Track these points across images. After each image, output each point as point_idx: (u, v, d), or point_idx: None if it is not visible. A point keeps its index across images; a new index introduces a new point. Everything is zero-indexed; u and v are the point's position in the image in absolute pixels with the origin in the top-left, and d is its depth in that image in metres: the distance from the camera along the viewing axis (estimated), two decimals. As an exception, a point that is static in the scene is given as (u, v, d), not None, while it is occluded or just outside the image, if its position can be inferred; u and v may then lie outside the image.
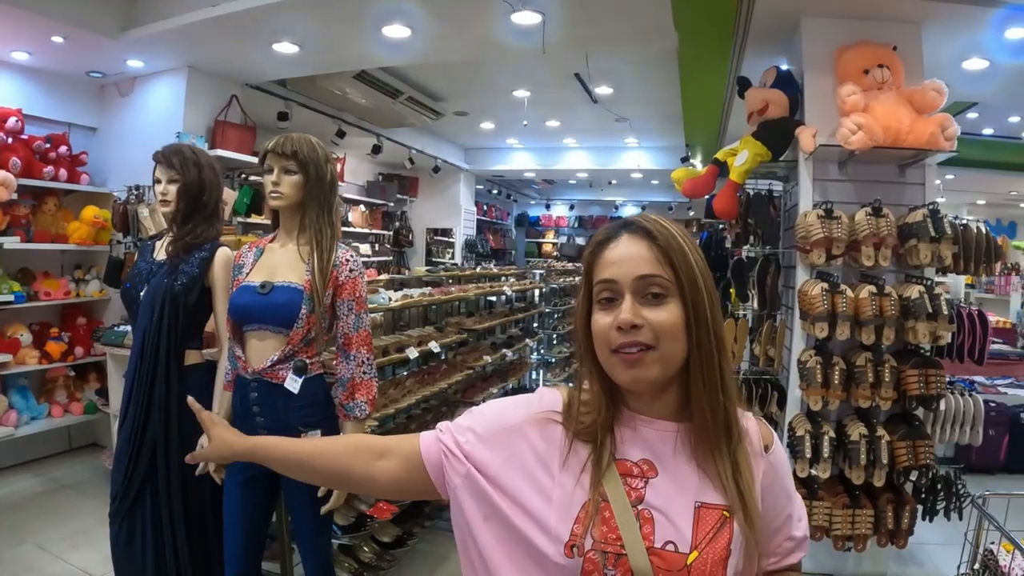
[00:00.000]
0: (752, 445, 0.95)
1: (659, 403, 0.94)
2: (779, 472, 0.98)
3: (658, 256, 0.89)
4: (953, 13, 3.03)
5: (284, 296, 1.93)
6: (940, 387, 2.78)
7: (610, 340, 0.89)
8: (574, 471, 0.93)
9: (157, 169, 2.30)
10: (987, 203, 10.04)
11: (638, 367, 0.88)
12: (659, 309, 0.88)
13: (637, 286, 0.89)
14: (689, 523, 0.88)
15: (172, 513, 2.20)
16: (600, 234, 0.96)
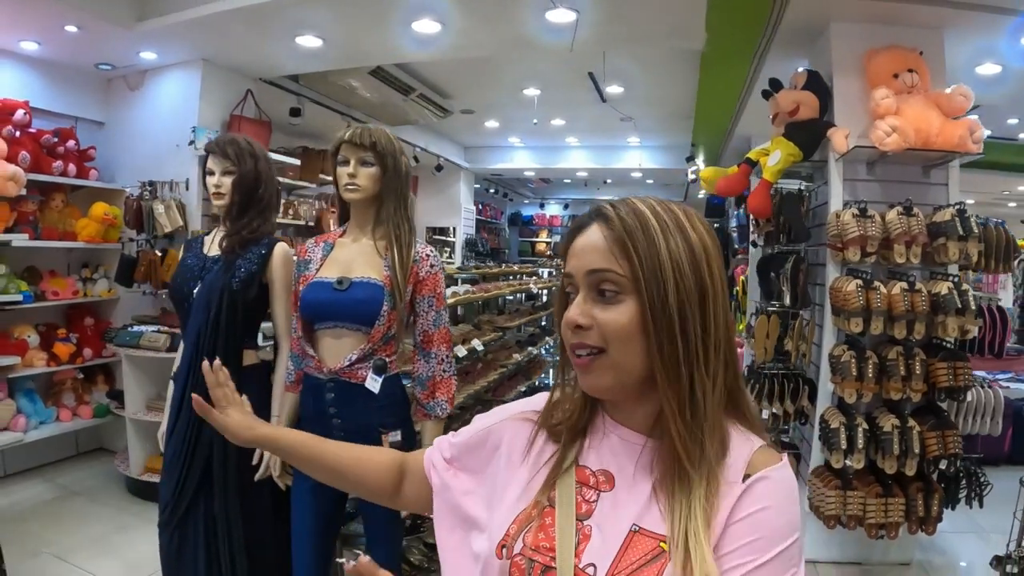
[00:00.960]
0: (731, 467, 0.82)
1: (634, 412, 0.89)
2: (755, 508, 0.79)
3: (612, 247, 0.83)
4: (974, 20, 3.32)
5: (364, 292, 1.96)
6: (967, 379, 3.07)
7: (567, 339, 0.86)
8: (532, 468, 0.93)
9: (210, 160, 2.29)
10: (976, 202, 10.55)
11: (590, 372, 0.84)
12: (611, 308, 0.82)
13: (589, 281, 0.84)
14: (617, 547, 0.82)
15: (229, 520, 2.20)
16: (574, 223, 0.91)
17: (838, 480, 3.17)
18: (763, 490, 0.80)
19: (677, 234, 0.82)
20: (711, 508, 0.78)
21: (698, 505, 0.78)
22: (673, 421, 0.81)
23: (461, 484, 1.01)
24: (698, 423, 0.80)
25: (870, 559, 3.41)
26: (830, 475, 3.22)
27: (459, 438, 1.05)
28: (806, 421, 3.54)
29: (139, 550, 3.41)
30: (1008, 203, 10.11)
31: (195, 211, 4.39)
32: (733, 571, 0.76)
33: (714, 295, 0.82)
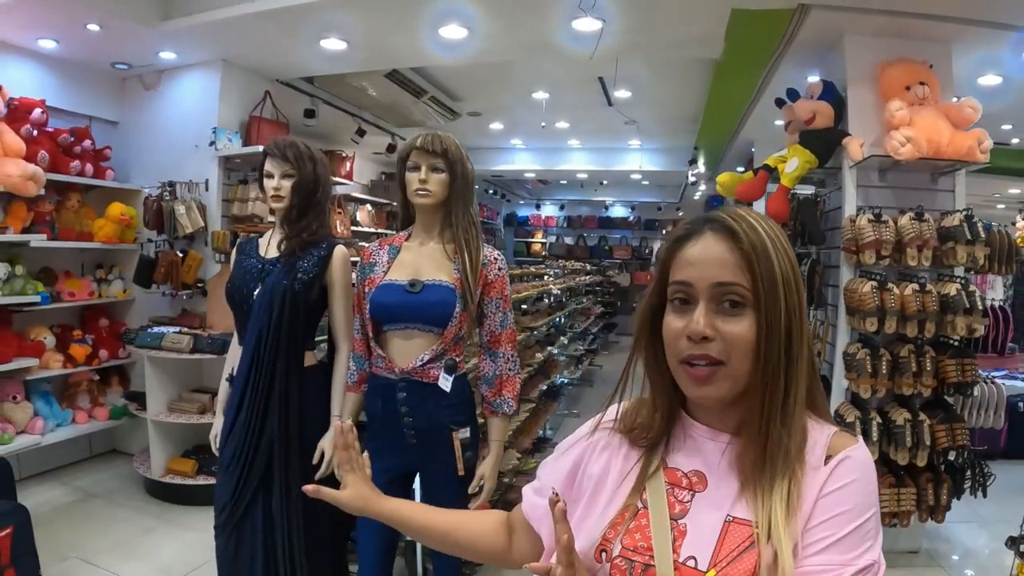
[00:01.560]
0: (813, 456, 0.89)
1: (722, 414, 0.96)
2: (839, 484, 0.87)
3: (740, 261, 0.88)
4: (979, 34, 3.61)
5: (437, 295, 2.10)
6: (974, 375, 3.36)
7: (679, 349, 0.90)
8: (620, 475, 0.99)
9: (268, 163, 2.39)
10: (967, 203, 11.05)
11: (708, 384, 0.89)
12: (735, 321, 0.88)
13: (713, 293, 0.89)
14: (715, 538, 0.88)
15: (289, 521, 2.32)
16: (680, 229, 0.96)
17: (854, 472, 3.44)
18: (845, 468, 0.87)
19: (783, 252, 0.90)
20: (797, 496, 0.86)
21: (780, 496, 0.85)
22: (770, 424, 0.88)
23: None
24: (787, 423, 0.88)
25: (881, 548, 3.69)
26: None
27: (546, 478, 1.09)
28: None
29: (167, 552, 3.56)
30: (997, 205, 10.57)
31: (215, 212, 4.57)
32: (820, 542, 0.84)
33: (804, 312, 0.91)
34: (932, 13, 3.43)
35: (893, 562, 3.62)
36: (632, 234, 14.07)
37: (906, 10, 3.40)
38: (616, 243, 14.04)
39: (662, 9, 3.64)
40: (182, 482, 4.14)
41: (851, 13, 3.48)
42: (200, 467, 4.19)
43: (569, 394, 6.83)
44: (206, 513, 3.94)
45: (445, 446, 2.17)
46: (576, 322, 7.29)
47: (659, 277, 0.96)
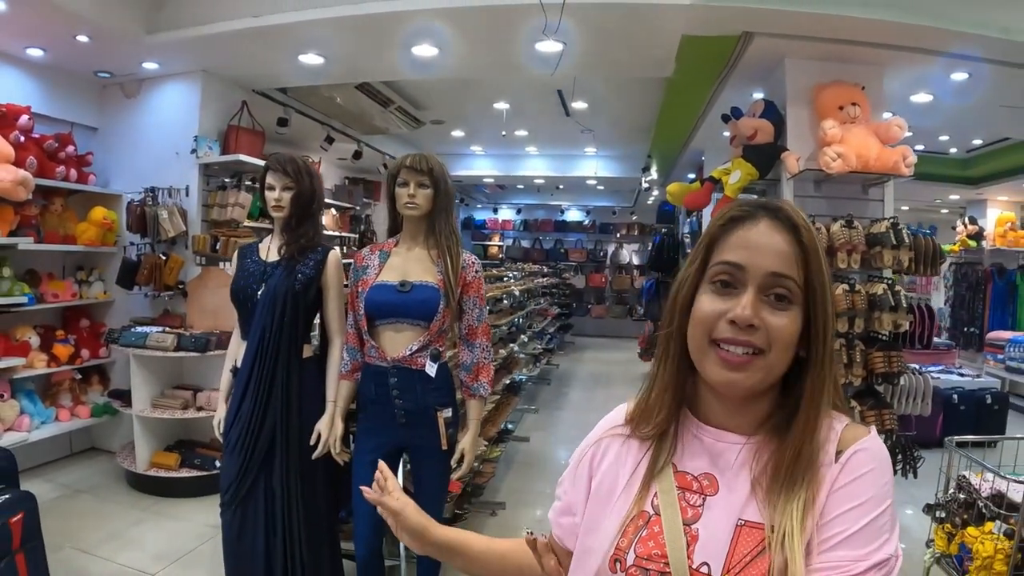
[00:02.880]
0: (825, 455, 0.87)
1: (740, 412, 0.92)
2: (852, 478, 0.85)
3: (797, 255, 0.87)
4: (909, 59, 3.98)
5: (424, 294, 2.38)
6: (901, 366, 3.74)
7: (715, 329, 0.88)
8: (629, 472, 0.97)
9: (270, 176, 2.61)
10: (911, 208, 11.72)
11: (741, 371, 0.87)
12: (781, 314, 0.86)
13: (765, 282, 0.86)
14: (727, 543, 0.86)
15: (289, 495, 2.55)
16: (734, 209, 0.93)
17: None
18: (859, 460, 0.85)
19: (824, 254, 0.90)
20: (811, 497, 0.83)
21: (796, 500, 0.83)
22: (808, 423, 0.87)
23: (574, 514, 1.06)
24: (818, 424, 0.88)
25: (818, 524, 4.05)
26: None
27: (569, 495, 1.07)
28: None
29: (158, 541, 3.70)
30: (941, 210, 11.23)
31: (195, 217, 4.71)
32: (833, 538, 0.81)
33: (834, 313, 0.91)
34: (865, 40, 3.78)
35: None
36: (587, 237, 14.42)
37: (841, 38, 3.75)
38: (572, 246, 14.38)
39: (618, 33, 3.91)
40: (166, 475, 4.28)
41: (791, 39, 3.81)
42: (183, 460, 4.34)
43: (528, 391, 7.11)
44: (191, 504, 4.18)
45: (431, 424, 2.44)
46: (534, 322, 7.59)
47: (702, 256, 0.92)
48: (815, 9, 3.44)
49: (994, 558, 2.36)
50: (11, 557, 2.76)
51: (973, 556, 2.43)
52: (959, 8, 3.56)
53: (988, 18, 3.58)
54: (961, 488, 2.67)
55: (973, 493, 2.59)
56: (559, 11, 3.41)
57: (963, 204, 9.47)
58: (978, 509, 2.55)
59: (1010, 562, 2.31)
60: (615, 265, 14.15)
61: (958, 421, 5.75)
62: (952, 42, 3.73)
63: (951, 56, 3.93)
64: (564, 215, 14.49)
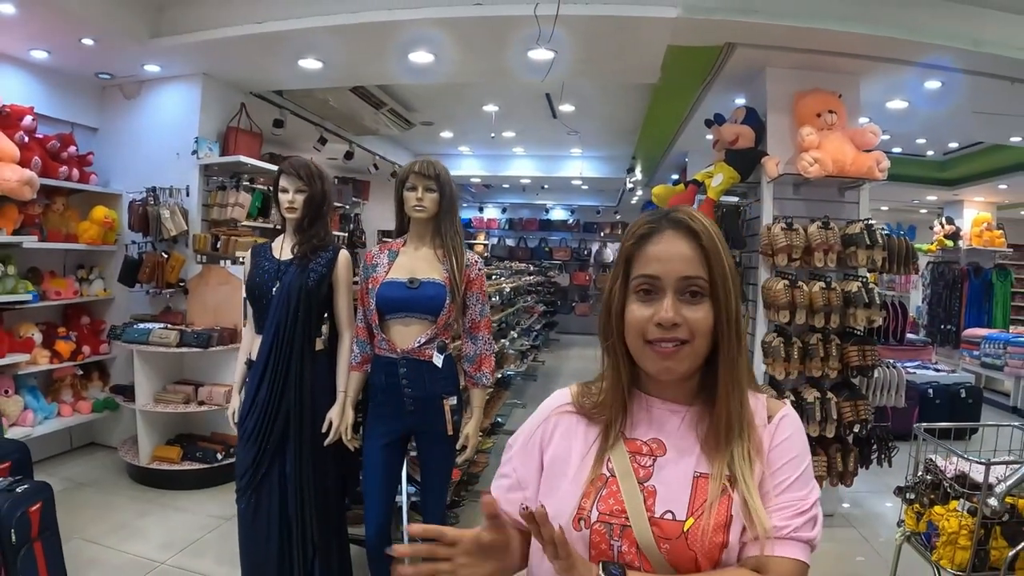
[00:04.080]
0: (758, 418, 1.08)
1: (675, 389, 1.11)
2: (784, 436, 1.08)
3: (700, 257, 1.03)
4: (884, 68, 4.22)
5: (432, 290, 2.57)
6: (874, 359, 3.97)
7: (646, 332, 1.04)
8: (583, 448, 1.12)
9: (284, 179, 2.78)
10: (890, 209, 12.07)
11: (671, 360, 1.03)
12: (696, 308, 1.03)
13: (679, 285, 1.03)
14: (687, 493, 1.03)
15: (301, 479, 2.71)
16: (642, 226, 1.08)
17: (773, 443, 4.01)
18: (786, 424, 1.09)
19: (727, 250, 1.07)
20: (754, 450, 1.04)
21: (742, 452, 1.03)
22: (728, 390, 1.05)
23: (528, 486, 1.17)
24: (740, 389, 1.06)
25: (798, 511, 4.28)
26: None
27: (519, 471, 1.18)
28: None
29: (165, 531, 3.84)
30: (920, 210, 11.56)
31: (196, 217, 4.86)
32: (781, 484, 1.03)
33: (740, 297, 1.09)
34: (842, 51, 4.01)
35: (811, 523, 4.23)
36: (572, 236, 14.64)
37: (819, 48, 3.97)
38: (556, 245, 14.59)
39: (607, 43, 4.11)
40: (168, 468, 4.42)
41: (772, 50, 4.03)
42: (185, 454, 4.49)
43: (516, 387, 7.28)
44: (194, 495, 4.35)
45: (437, 411, 2.64)
46: (522, 319, 7.78)
47: (623, 271, 1.08)
48: (794, 22, 3.66)
49: (959, 533, 2.58)
50: (30, 545, 2.90)
51: (940, 532, 2.65)
52: (931, 21, 3.80)
53: (959, 31, 3.82)
54: (928, 470, 2.89)
55: (939, 475, 2.82)
56: (552, 22, 3.61)
57: (940, 205, 9.78)
58: (944, 489, 2.78)
59: (973, 537, 2.53)
60: (599, 263, 14.38)
61: (933, 414, 6.01)
62: (925, 53, 3.98)
63: (924, 66, 4.18)
64: (549, 214, 14.71)
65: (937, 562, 2.62)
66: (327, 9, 3.96)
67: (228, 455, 4.51)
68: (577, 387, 1.20)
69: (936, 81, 4.49)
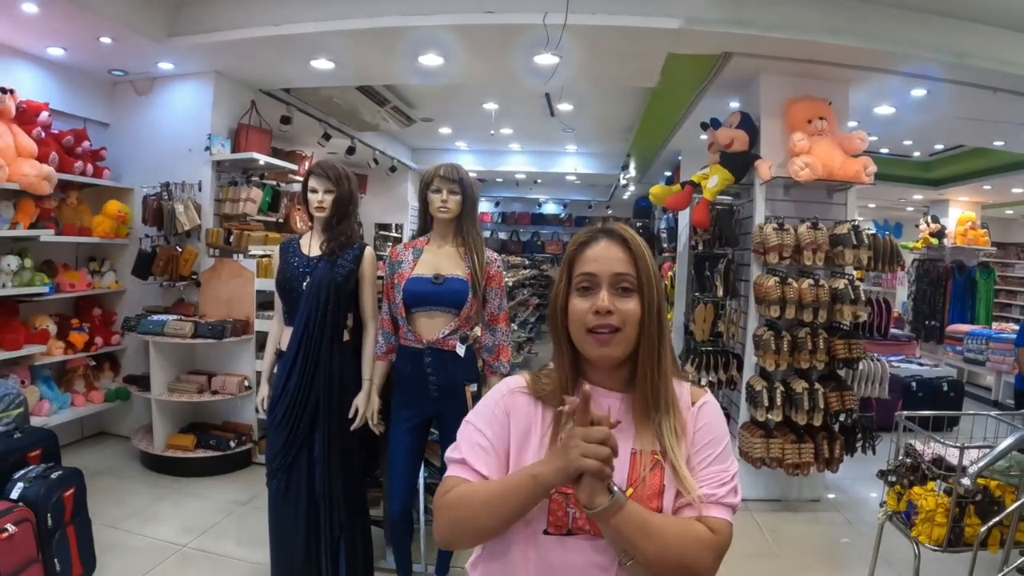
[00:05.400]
0: (682, 402, 1.29)
1: (613, 376, 1.29)
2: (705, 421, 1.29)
3: (629, 259, 1.25)
4: (872, 77, 4.52)
5: (456, 285, 2.81)
6: (859, 353, 4.26)
7: (586, 321, 1.23)
8: (542, 428, 1.28)
9: (313, 180, 2.97)
10: (877, 207, 12.42)
11: (607, 346, 1.23)
12: (627, 300, 1.24)
13: (613, 280, 1.24)
14: (626, 466, 1.22)
15: (330, 461, 2.92)
16: (583, 236, 1.31)
17: (762, 431, 4.31)
18: (708, 409, 1.31)
19: (651, 257, 1.29)
20: (680, 427, 1.25)
21: (669, 428, 1.24)
22: (650, 376, 1.25)
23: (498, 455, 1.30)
24: (663, 376, 1.26)
25: (788, 496, 4.58)
26: (755, 427, 4.36)
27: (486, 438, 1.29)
28: (735, 387, 4.68)
29: (183, 516, 4.05)
30: (907, 208, 11.91)
31: (208, 211, 5.06)
32: (704, 460, 1.24)
33: (663, 297, 1.30)
34: (832, 61, 4.27)
35: (800, 508, 4.54)
36: (564, 230, 14.83)
37: (811, 58, 4.24)
38: (548, 239, 14.79)
39: (611, 50, 4.36)
40: (182, 455, 4.64)
41: (766, 59, 4.30)
42: (198, 442, 4.70)
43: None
44: (208, 482, 4.57)
45: (460, 397, 2.89)
46: (518, 312, 8.02)
47: (566, 273, 1.30)
48: (788, 35, 3.93)
49: (935, 511, 2.87)
50: (64, 529, 3.12)
51: (918, 511, 2.93)
52: (916, 34, 4.08)
53: (943, 44, 4.11)
54: (908, 454, 3.18)
55: (918, 458, 3.10)
56: (560, 29, 3.84)
57: (927, 204, 10.11)
58: (922, 471, 3.07)
59: (949, 514, 2.81)
60: (591, 258, 14.57)
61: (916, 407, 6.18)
62: (910, 64, 4.27)
63: (910, 75, 4.46)
64: (541, 208, 14.92)
65: (916, 538, 2.91)
66: (343, 12, 4.16)
67: (240, 443, 4.74)
68: (530, 375, 1.36)
69: (921, 89, 4.78)
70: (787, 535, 4.12)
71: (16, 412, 3.62)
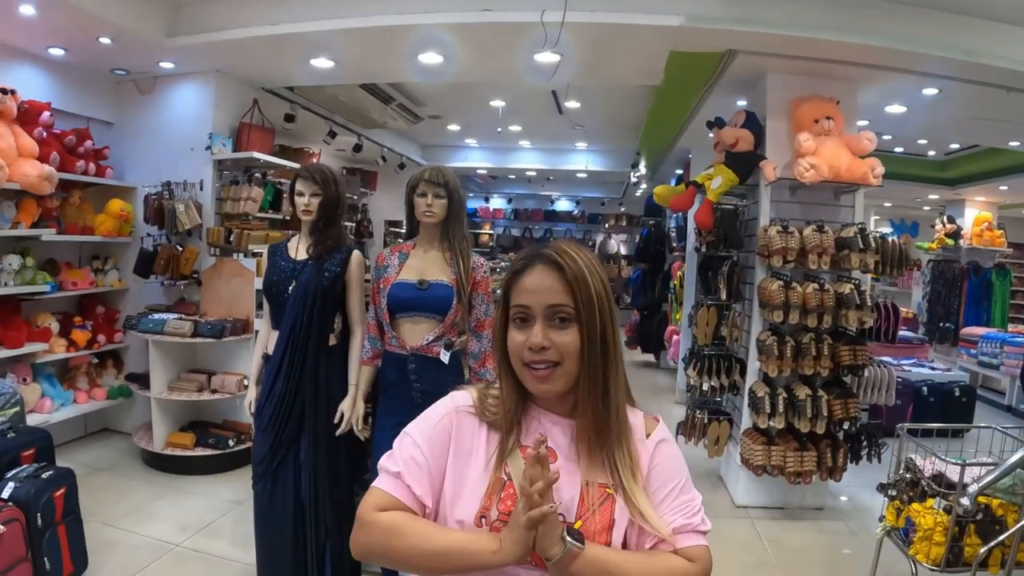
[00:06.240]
0: (636, 434, 1.23)
1: (561, 403, 1.22)
2: (661, 456, 1.23)
3: (565, 287, 1.15)
4: (882, 75, 4.35)
5: (441, 291, 2.72)
6: (864, 359, 4.12)
7: (523, 356, 1.16)
8: (486, 454, 1.21)
9: (300, 183, 2.94)
10: (893, 205, 12.18)
11: (547, 382, 1.16)
12: (564, 332, 1.15)
13: (547, 313, 1.15)
14: (576, 497, 1.16)
15: (316, 466, 2.87)
16: (517, 263, 1.22)
17: (764, 438, 4.19)
18: (663, 448, 1.24)
19: (597, 275, 1.18)
20: (633, 460, 1.19)
21: (622, 460, 1.17)
22: (593, 408, 1.17)
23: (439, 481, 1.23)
24: (609, 409, 1.18)
25: (791, 504, 4.44)
26: (757, 434, 4.24)
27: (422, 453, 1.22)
28: (738, 392, 4.56)
29: (180, 514, 4.02)
30: (924, 207, 11.67)
31: (209, 210, 5.02)
32: (670, 493, 1.20)
33: (615, 319, 1.20)
34: (839, 59, 4.12)
35: (802, 516, 4.40)
36: (576, 227, 14.76)
37: (818, 56, 4.09)
38: (561, 235, 14.70)
39: (611, 47, 4.23)
40: (182, 454, 4.61)
41: (772, 57, 4.16)
42: (198, 440, 4.67)
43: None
44: (207, 480, 4.53)
45: None
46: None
47: (503, 302, 1.21)
48: (793, 32, 3.79)
49: (934, 530, 2.75)
50: (54, 528, 3.10)
51: (916, 528, 2.81)
52: (925, 32, 3.92)
53: (953, 42, 3.94)
54: (908, 469, 3.05)
55: (918, 473, 2.98)
56: (558, 27, 3.73)
57: (943, 203, 9.87)
58: (922, 487, 2.94)
59: (948, 534, 2.69)
60: (604, 255, 14.49)
61: (927, 412, 6.17)
62: (921, 63, 4.11)
63: (921, 74, 4.30)
64: (554, 205, 14.83)
65: (913, 556, 2.79)
66: (339, 12, 4.09)
67: (240, 442, 4.70)
68: (477, 392, 1.30)
69: (933, 88, 4.62)
70: (787, 544, 4.00)
71: (11, 411, 3.60)
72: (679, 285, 7.99)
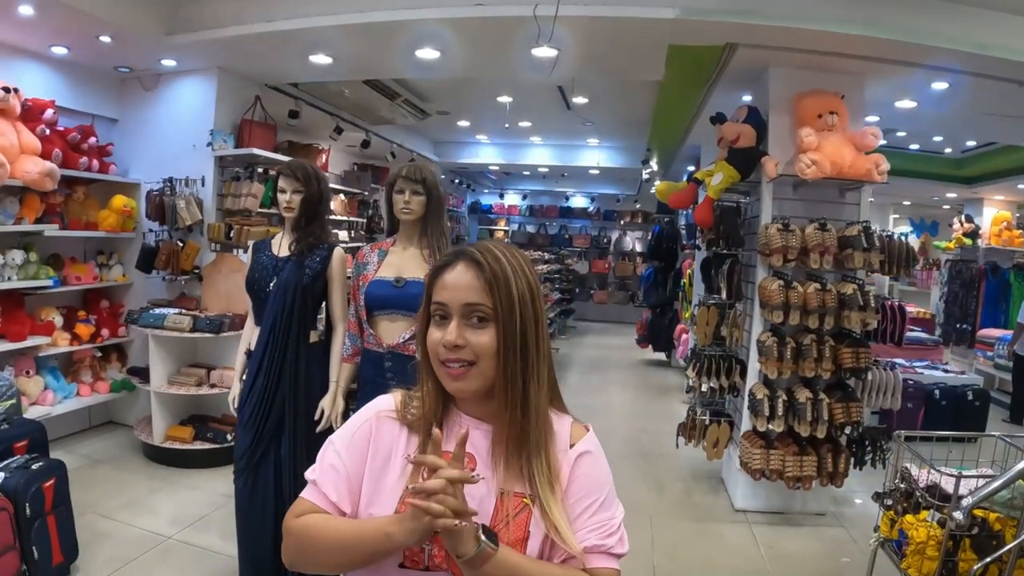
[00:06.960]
0: (559, 443, 1.16)
1: (481, 406, 1.17)
2: (582, 468, 1.16)
3: (484, 286, 1.10)
4: (890, 69, 4.16)
5: (417, 289, 2.61)
6: (868, 362, 3.95)
7: (439, 354, 1.12)
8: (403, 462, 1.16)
9: (282, 180, 2.90)
10: (912, 203, 11.85)
11: (461, 381, 1.11)
12: (481, 332, 1.10)
13: (464, 311, 1.11)
14: (491, 507, 1.11)
15: (296, 462, 2.81)
16: (441, 260, 1.18)
17: (763, 441, 4.04)
18: (586, 460, 1.17)
19: (522, 276, 1.13)
20: (551, 471, 1.12)
21: (540, 469, 1.11)
22: (511, 413, 1.11)
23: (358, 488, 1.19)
24: (527, 415, 1.12)
25: (791, 509, 4.28)
26: (756, 437, 4.09)
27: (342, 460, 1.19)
28: (738, 394, 4.41)
29: (175, 507, 3.99)
30: (943, 206, 11.36)
31: (211, 207, 4.98)
32: (588, 509, 1.14)
33: (540, 321, 1.14)
34: (844, 52, 3.95)
35: (802, 522, 4.24)
36: (592, 224, 14.61)
37: (822, 50, 3.91)
38: (576, 232, 14.57)
39: (608, 42, 4.10)
40: (181, 447, 4.58)
41: (774, 50, 3.98)
42: (197, 434, 4.64)
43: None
44: (204, 474, 4.50)
45: None
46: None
47: (426, 299, 1.17)
48: (794, 24, 3.62)
49: (927, 544, 2.59)
50: (43, 518, 3.08)
51: (909, 541, 2.66)
52: (933, 24, 3.72)
53: (962, 34, 3.73)
54: (903, 479, 2.90)
55: (912, 483, 2.82)
56: (551, 21, 3.61)
57: (961, 202, 9.57)
58: (916, 499, 2.79)
59: (941, 548, 2.54)
60: (618, 252, 14.34)
61: (939, 415, 5.94)
62: (929, 56, 3.89)
63: (930, 68, 4.10)
64: (569, 201, 14.68)
65: (906, 570, 2.64)
66: (334, 8, 4.01)
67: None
68: (401, 396, 1.26)
69: (943, 82, 4.41)
70: (784, 551, 3.84)
71: (7, 404, 3.58)
72: (689, 283, 7.84)
